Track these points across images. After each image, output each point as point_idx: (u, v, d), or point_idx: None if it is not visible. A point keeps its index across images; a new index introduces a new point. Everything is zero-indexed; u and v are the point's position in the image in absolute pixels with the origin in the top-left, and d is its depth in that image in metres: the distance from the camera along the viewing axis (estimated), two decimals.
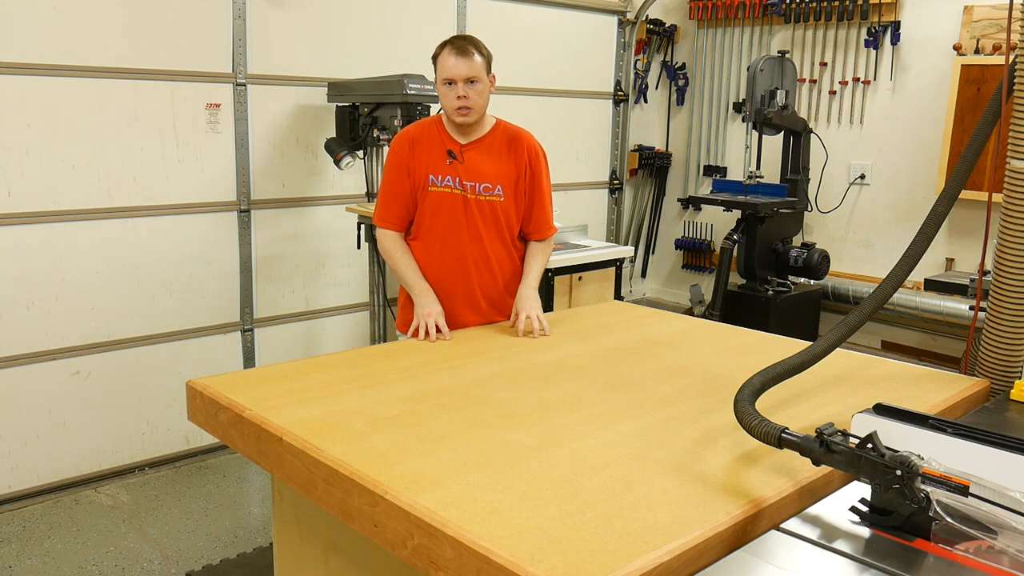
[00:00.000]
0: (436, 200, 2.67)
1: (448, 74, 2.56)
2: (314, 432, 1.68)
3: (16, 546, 3.17)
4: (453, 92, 2.57)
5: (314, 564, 1.93)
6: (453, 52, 2.56)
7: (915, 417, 1.60)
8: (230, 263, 4.00)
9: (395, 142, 2.74)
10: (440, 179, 2.66)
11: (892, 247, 5.00)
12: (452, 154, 2.67)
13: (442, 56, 2.59)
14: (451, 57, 2.56)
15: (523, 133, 2.76)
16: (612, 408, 1.87)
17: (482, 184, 2.67)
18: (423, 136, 2.70)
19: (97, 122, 3.52)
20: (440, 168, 2.66)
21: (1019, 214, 1.97)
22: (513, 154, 2.72)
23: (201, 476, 3.81)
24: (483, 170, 2.68)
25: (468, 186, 2.66)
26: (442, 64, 2.59)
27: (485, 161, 2.69)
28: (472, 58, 2.55)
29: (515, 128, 2.77)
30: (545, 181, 2.80)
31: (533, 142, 2.76)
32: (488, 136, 2.71)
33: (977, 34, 4.54)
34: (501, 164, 2.70)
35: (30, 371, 3.48)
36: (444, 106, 2.63)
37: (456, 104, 2.58)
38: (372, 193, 4.17)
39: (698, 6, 5.76)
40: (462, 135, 2.68)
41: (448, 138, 2.68)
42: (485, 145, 2.70)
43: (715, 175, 5.80)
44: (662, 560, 1.23)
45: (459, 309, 2.71)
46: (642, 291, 6.30)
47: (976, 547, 1.24)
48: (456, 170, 2.66)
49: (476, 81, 2.57)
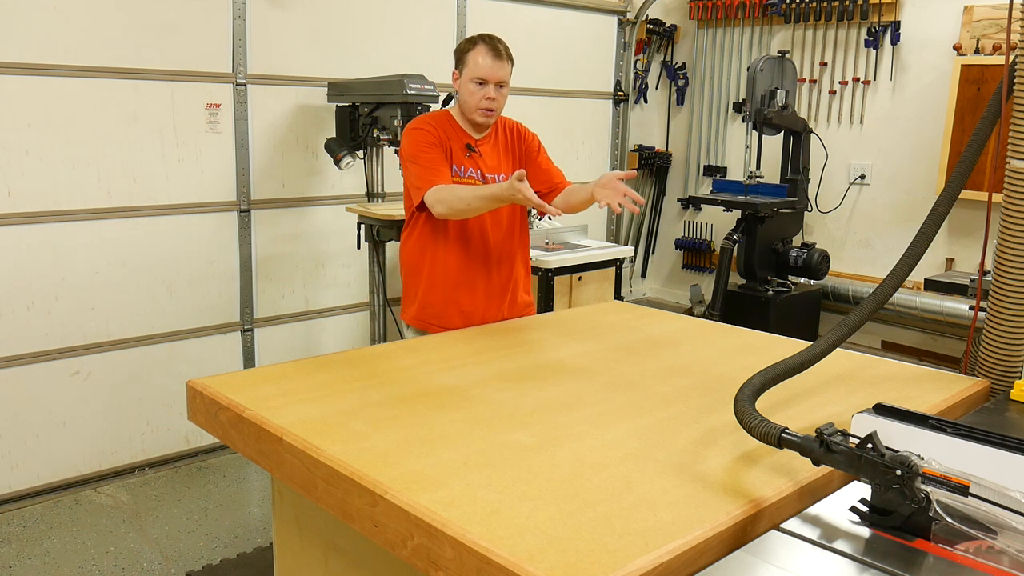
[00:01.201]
0: None
1: (482, 74, 2.55)
2: (314, 432, 1.68)
3: (16, 546, 3.17)
4: (482, 92, 2.57)
5: (314, 564, 1.93)
6: (490, 53, 2.55)
7: (915, 417, 1.60)
8: (230, 263, 4.00)
9: (419, 123, 2.66)
10: (463, 170, 2.66)
11: (892, 247, 5.00)
12: (471, 147, 2.68)
13: (474, 53, 2.57)
14: (488, 58, 2.55)
15: (518, 124, 2.84)
16: (612, 408, 1.87)
17: (500, 176, 2.70)
18: (441, 127, 2.66)
19: (97, 122, 3.52)
20: (462, 160, 2.66)
21: (1019, 214, 1.97)
22: (517, 145, 2.78)
23: (201, 476, 3.81)
24: (496, 164, 2.73)
25: (490, 178, 2.69)
26: (474, 62, 2.56)
27: (496, 156, 2.74)
28: (506, 62, 2.59)
29: (510, 121, 2.83)
30: (546, 154, 2.86)
31: (526, 130, 2.84)
32: (493, 131, 2.76)
33: (977, 34, 4.54)
34: (510, 159, 2.76)
35: (30, 371, 3.48)
36: (468, 103, 2.61)
37: (484, 105, 2.59)
38: (372, 193, 4.17)
39: (698, 6, 5.76)
40: (474, 131, 2.71)
41: (463, 133, 2.69)
42: (494, 141, 2.76)
43: (715, 175, 5.80)
44: (662, 560, 1.23)
45: (479, 301, 2.72)
46: (642, 291, 6.30)
47: (976, 547, 1.24)
48: (476, 162, 2.68)
49: (505, 85, 2.61)
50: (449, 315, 2.71)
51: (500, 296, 2.78)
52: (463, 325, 2.67)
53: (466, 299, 2.70)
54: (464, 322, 2.69)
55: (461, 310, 2.71)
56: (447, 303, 2.71)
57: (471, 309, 2.71)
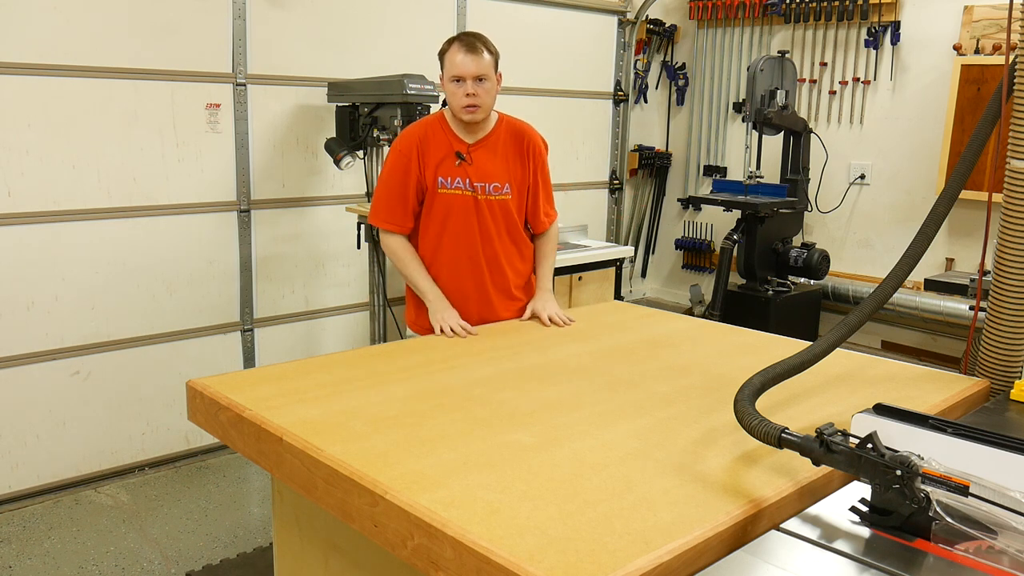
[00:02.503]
0: (446, 203, 2.64)
1: (457, 71, 2.53)
2: (314, 432, 1.68)
3: (16, 546, 3.17)
4: (462, 90, 2.54)
5: (314, 564, 1.93)
6: (462, 49, 2.53)
7: (915, 417, 1.60)
8: (230, 263, 4.00)
9: (400, 143, 2.68)
10: (450, 181, 2.63)
11: (892, 247, 5.00)
12: (461, 155, 2.64)
13: (450, 52, 2.56)
14: (460, 54, 2.53)
15: (526, 127, 2.75)
16: (612, 408, 1.87)
17: (491, 184, 2.66)
18: (429, 137, 2.65)
19: (97, 122, 3.52)
20: (449, 170, 2.63)
21: (1019, 214, 1.97)
22: (519, 151, 2.71)
23: (201, 476, 3.81)
24: (491, 170, 2.66)
25: (478, 187, 2.65)
26: (450, 61, 2.55)
27: (493, 160, 2.67)
28: (481, 55, 2.53)
29: (518, 122, 2.76)
30: (547, 172, 2.80)
31: (536, 136, 2.76)
32: (493, 134, 2.69)
33: (977, 34, 4.54)
34: (508, 162, 2.69)
35: (30, 371, 3.48)
36: (451, 104, 2.60)
37: (464, 102, 2.55)
38: (372, 193, 4.16)
39: (698, 6, 5.76)
40: (468, 134, 2.66)
41: (455, 138, 2.66)
42: (491, 143, 2.68)
43: (715, 175, 5.80)
44: (662, 560, 1.23)
45: (472, 308, 2.70)
46: (642, 291, 6.30)
47: (976, 547, 1.24)
48: (465, 171, 2.64)
49: (485, 79, 2.55)
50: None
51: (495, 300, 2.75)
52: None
53: (458, 306, 2.66)
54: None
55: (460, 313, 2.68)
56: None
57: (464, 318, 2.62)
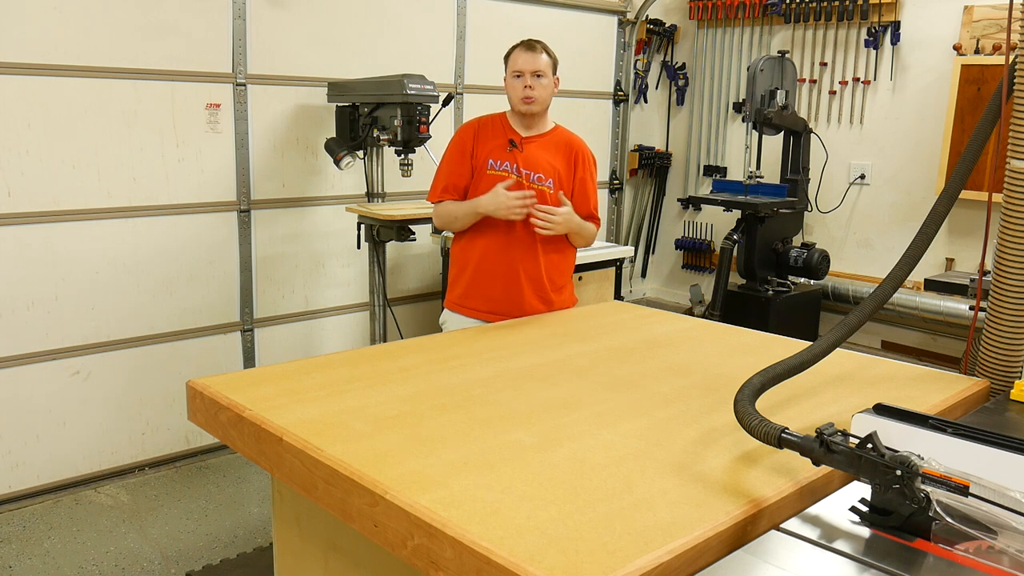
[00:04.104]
0: (492, 182, 2.85)
1: (517, 67, 2.86)
2: (314, 432, 1.68)
3: (16, 546, 3.17)
4: (520, 83, 2.85)
5: (314, 564, 1.93)
6: (523, 48, 2.87)
7: (915, 417, 1.60)
8: (230, 263, 4.00)
9: (462, 129, 3.00)
10: (499, 164, 2.89)
11: (892, 247, 5.00)
12: (513, 143, 2.90)
13: (513, 53, 2.89)
14: (521, 52, 2.87)
15: (579, 140, 3.03)
16: (612, 408, 1.87)
17: (536, 174, 2.90)
18: (487, 125, 2.95)
19: (97, 122, 3.52)
20: (500, 154, 2.89)
21: (1019, 214, 1.97)
22: (568, 156, 2.96)
23: (201, 476, 3.81)
24: (539, 162, 2.90)
25: (524, 173, 2.88)
26: (512, 59, 2.88)
27: (542, 155, 2.92)
28: (540, 54, 2.86)
29: (573, 134, 3.03)
30: (594, 182, 3.03)
31: (586, 148, 3.02)
32: (548, 135, 2.97)
33: (977, 34, 4.54)
34: (556, 160, 2.93)
35: (30, 371, 3.48)
36: (511, 97, 2.89)
37: (522, 94, 2.84)
38: (372, 193, 4.17)
39: (698, 6, 5.76)
40: (525, 128, 2.93)
41: (511, 130, 2.93)
42: (544, 142, 2.95)
43: (715, 175, 5.80)
44: (662, 560, 1.23)
45: (499, 289, 2.90)
46: (642, 291, 6.30)
47: (976, 547, 1.24)
48: (515, 157, 2.89)
49: (542, 75, 2.86)
50: (474, 300, 2.94)
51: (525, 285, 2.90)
52: (488, 311, 2.89)
53: (486, 287, 2.90)
54: (489, 308, 2.90)
55: (489, 296, 2.91)
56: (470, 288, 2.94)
57: (491, 300, 2.90)
